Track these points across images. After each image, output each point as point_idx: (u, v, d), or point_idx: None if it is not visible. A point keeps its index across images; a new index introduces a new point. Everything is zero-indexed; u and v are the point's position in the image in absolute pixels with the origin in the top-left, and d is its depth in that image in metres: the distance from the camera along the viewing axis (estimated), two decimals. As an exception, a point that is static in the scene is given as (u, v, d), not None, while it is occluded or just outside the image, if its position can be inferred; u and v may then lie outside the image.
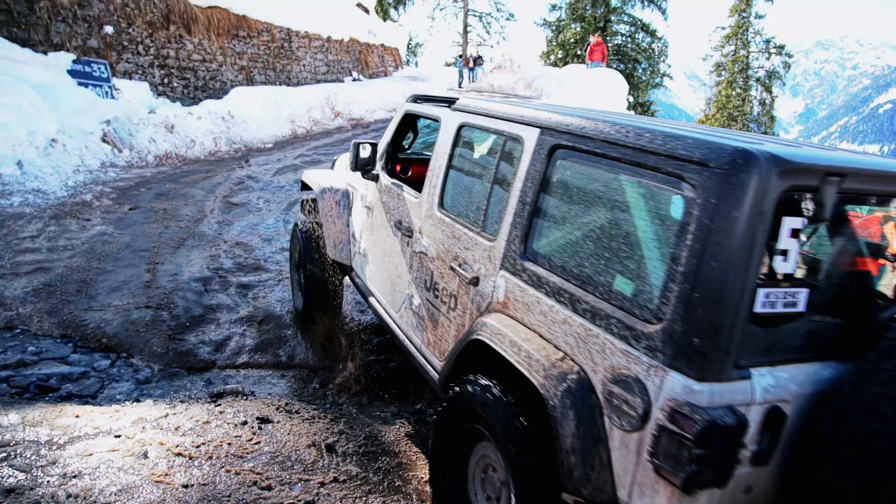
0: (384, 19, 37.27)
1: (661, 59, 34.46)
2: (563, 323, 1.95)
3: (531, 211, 2.20)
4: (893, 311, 1.74)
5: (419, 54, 50.61)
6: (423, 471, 3.09)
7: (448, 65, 50.66)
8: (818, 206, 1.56)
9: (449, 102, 3.09)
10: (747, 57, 38.90)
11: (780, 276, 1.56)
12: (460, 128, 2.84)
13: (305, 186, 4.56)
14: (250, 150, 12.18)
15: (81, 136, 9.27)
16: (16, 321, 4.41)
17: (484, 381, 2.15)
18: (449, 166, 2.85)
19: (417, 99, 3.52)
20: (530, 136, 2.29)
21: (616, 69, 27.44)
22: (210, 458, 2.88)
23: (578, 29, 35.67)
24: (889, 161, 1.83)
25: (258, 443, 3.08)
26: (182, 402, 3.55)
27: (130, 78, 12.25)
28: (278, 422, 3.32)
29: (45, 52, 10.49)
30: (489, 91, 29.01)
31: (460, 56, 34.32)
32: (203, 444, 2.98)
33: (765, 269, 1.52)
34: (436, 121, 3.06)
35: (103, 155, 9.40)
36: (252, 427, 3.21)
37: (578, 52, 34.04)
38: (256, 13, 16.60)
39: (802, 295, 1.62)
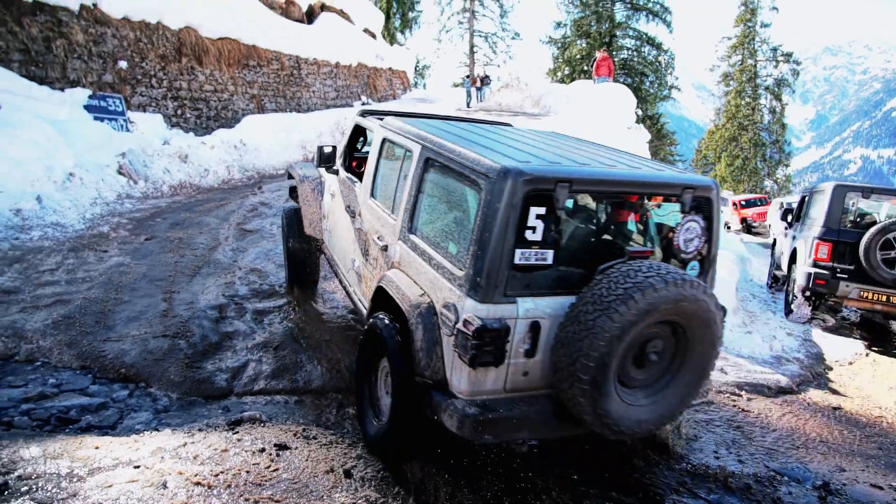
0: (391, 43, 37.78)
1: (669, 72, 34.49)
2: (425, 273, 3.01)
3: (414, 201, 3.25)
4: (609, 264, 2.76)
5: (427, 76, 51.14)
6: (444, 495, 3.07)
7: (456, 85, 51.10)
8: (554, 201, 2.65)
9: (381, 117, 4.25)
10: (755, 66, 38.83)
11: (530, 242, 2.64)
12: (383, 140, 3.92)
13: (290, 176, 5.63)
14: (263, 176, 12.33)
15: (98, 170, 9.45)
16: (36, 354, 4.46)
17: (382, 315, 3.14)
18: (376, 167, 3.91)
19: (364, 113, 4.59)
20: (417, 149, 3.35)
21: (623, 83, 27.53)
22: (229, 486, 2.88)
23: (584, 45, 35.88)
24: (611, 171, 2.86)
25: (276, 470, 3.07)
26: (200, 430, 3.56)
27: (144, 110, 12.50)
28: (296, 448, 3.32)
29: (61, 89, 10.75)
30: (497, 109, 29.21)
31: (467, 76, 34.62)
32: (221, 472, 2.99)
33: (524, 237, 2.65)
34: (371, 132, 4.18)
35: (119, 187, 9.56)
36: (270, 454, 3.21)
37: (585, 68, 34.19)
38: (266, 43, 16.93)
39: (550, 254, 2.72)
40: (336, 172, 4.72)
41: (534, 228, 2.68)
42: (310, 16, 21.61)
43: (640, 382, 2.82)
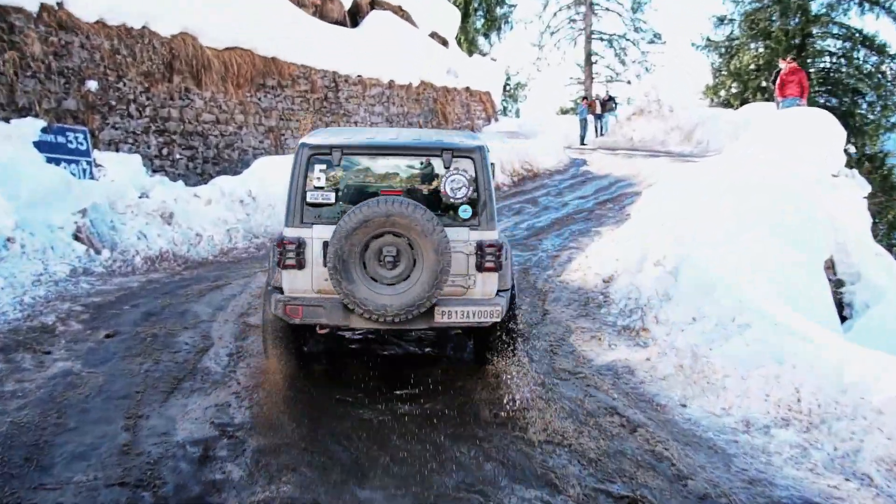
0: (470, 53, 39.00)
1: (898, 88, 33.60)
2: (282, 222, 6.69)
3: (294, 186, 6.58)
4: (367, 200, 6.02)
5: (522, 99, 52.32)
6: None
7: (564, 112, 51.91)
8: (336, 160, 6.41)
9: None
10: None
11: (316, 186, 6.32)
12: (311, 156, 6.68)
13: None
14: (278, 245, 12.65)
15: (46, 233, 9.92)
16: (-63, 506, 4.51)
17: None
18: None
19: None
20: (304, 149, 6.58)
21: (824, 106, 26.98)
22: None
23: (761, 50, 35.86)
24: (376, 139, 6.83)
25: None
26: None
27: (118, 149, 13.21)
28: None
29: (5, 119, 11.54)
30: (626, 147, 29.28)
31: (583, 98, 35.01)
32: None
33: (311, 183, 6.35)
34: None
35: (75, 258, 9.98)
36: None
37: (763, 84, 34.03)
38: (290, 54, 17.83)
39: (332, 195, 6.35)
40: None
41: (319, 178, 6.31)
42: (354, 16, 22.75)
43: (387, 279, 6.12)
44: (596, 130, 34.00)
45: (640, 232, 10.63)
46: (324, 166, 6.38)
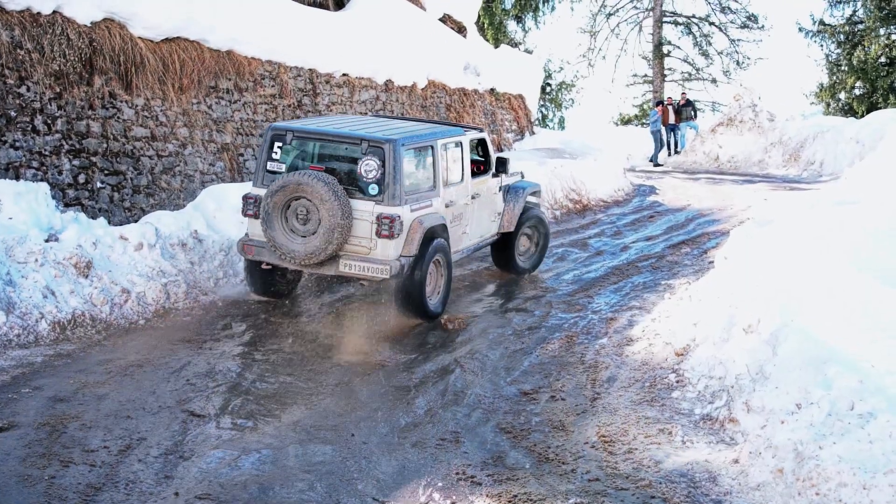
0: (496, 42, 39.32)
1: None
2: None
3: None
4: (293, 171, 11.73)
5: (567, 104, 52.44)
6: None
7: (625, 121, 52.18)
8: (288, 140, 12.00)
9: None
10: None
11: (273, 159, 12.00)
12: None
13: None
14: (232, 305, 12.67)
15: (-79, 289, 9.97)
16: None
17: None
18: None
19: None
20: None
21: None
22: None
23: (895, 37, 35.91)
24: (318, 127, 12.56)
25: None
26: None
27: (18, 175, 13.30)
28: None
29: None
30: (709, 170, 29.29)
31: (658, 104, 35.03)
32: None
33: (272, 156, 12.06)
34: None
35: (-43, 323, 10.03)
36: None
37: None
38: (252, 47, 17.95)
39: (283, 166, 11.99)
40: None
41: (276, 152, 11.81)
42: (339, -5, 22.93)
43: (300, 232, 11.21)
44: (669, 146, 34.10)
45: (727, 287, 10.62)
46: (280, 144, 11.80)
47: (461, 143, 13.35)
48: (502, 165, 14.22)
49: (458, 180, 13.13)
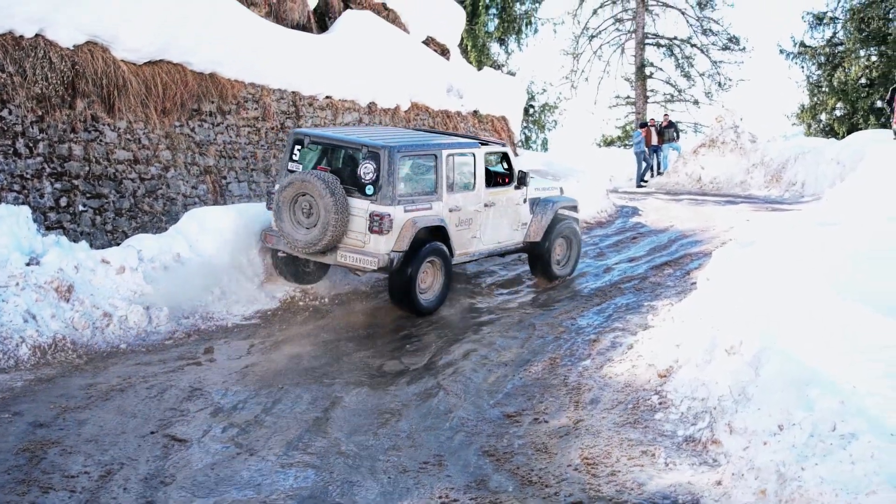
0: (479, 64, 39.52)
1: None
2: None
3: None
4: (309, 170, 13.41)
5: (550, 126, 52.65)
6: None
7: (608, 142, 52.36)
8: (306, 144, 13.63)
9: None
10: None
11: (295, 160, 13.69)
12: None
13: None
14: (217, 329, 12.65)
15: None
16: None
17: None
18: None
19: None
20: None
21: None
22: None
23: (874, 58, 36.21)
24: (328, 133, 14.91)
25: None
26: None
27: (-1, 199, 13.29)
28: None
29: None
30: (692, 192, 29.41)
31: (642, 126, 35.17)
32: None
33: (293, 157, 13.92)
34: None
35: (-63, 347, 9.98)
36: None
37: (879, 105, 34.34)
38: (235, 70, 18.00)
39: (300, 166, 13.57)
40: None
41: (296, 152, 13.54)
42: (322, 18, 23.14)
43: (304, 224, 12.78)
44: (656, 167, 34.22)
45: (710, 308, 10.67)
46: (300, 147, 13.47)
47: (474, 154, 14.50)
48: (523, 179, 15.28)
49: (468, 188, 14.29)
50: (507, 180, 15.35)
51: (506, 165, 15.47)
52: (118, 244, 13.85)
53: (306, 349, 11.67)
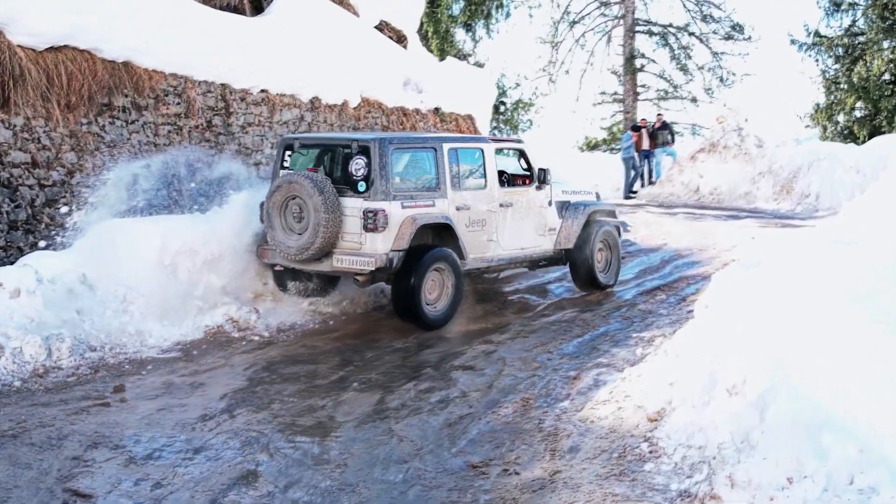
0: (441, 54, 39.48)
1: None
2: None
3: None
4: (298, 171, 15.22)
5: (524, 126, 52.71)
6: None
7: (592, 146, 52.52)
8: (296, 148, 15.57)
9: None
10: None
11: (285, 165, 15.41)
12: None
13: None
14: (127, 363, 12.58)
15: None
16: None
17: None
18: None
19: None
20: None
21: None
22: None
23: (898, 52, 36.40)
24: (316, 134, 19.91)
25: None
26: None
27: None
28: None
29: None
30: (688, 204, 29.56)
31: (634, 128, 35.31)
32: None
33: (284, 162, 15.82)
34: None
35: None
36: None
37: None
38: (153, 58, 17.85)
39: (291, 169, 15.48)
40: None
41: (286, 158, 15.33)
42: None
43: (296, 230, 14.13)
44: (648, 174, 34.34)
45: (708, 340, 10.66)
46: (290, 152, 15.08)
47: (482, 150, 15.63)
48: (544, 178, 16.34)
49: (479, 186, 15.39)
50: (527, 181, 16.41)
51: (524, 164, 16.55)
52: (12, 263, 13.74)
53: (235, 385, 11.61)
